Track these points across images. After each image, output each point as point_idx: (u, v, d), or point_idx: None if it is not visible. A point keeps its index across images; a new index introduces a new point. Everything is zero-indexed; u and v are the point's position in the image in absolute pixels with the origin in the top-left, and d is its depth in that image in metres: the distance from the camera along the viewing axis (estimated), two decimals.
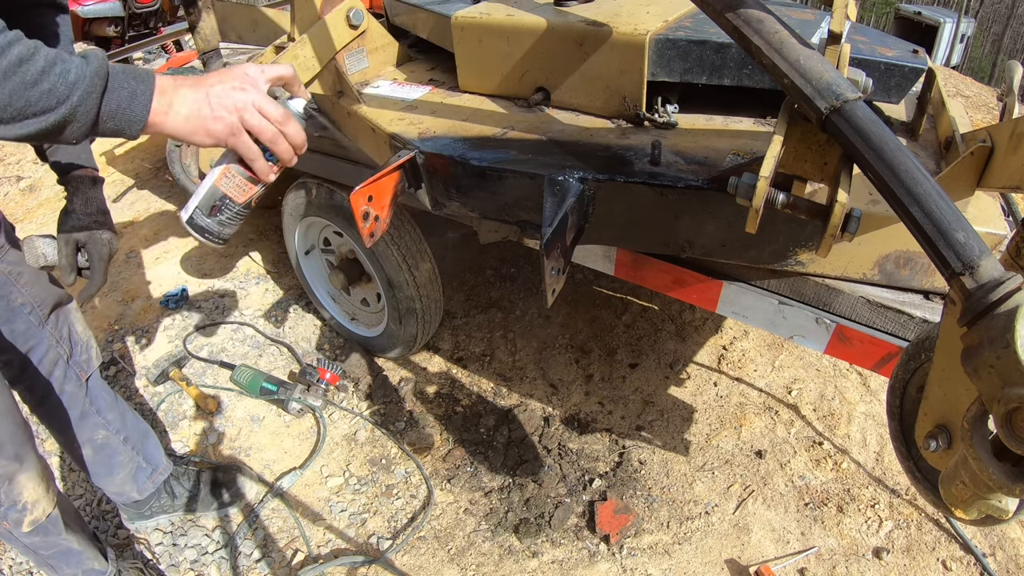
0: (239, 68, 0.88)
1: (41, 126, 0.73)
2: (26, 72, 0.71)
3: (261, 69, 0.89)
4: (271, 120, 0.87)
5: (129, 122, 0.79)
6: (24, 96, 0.71)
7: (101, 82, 0.76)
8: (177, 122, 0.82)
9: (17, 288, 1.34)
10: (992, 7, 28.68)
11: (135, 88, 0.79)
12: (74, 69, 0.74)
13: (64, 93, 0.73)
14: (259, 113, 0.86)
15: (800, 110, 0.92)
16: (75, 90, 0.74)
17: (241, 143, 0.87)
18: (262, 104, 0.86)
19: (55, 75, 0.73)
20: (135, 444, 1.67)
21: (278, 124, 0.88)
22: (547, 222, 1.13)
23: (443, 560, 1.81)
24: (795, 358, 2.41)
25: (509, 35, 1.53)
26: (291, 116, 0.91)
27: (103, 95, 0.77)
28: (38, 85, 0.72)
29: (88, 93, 0.75)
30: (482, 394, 2.33)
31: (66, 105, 0.74)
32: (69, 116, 0.74)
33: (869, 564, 1.76)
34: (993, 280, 0.61)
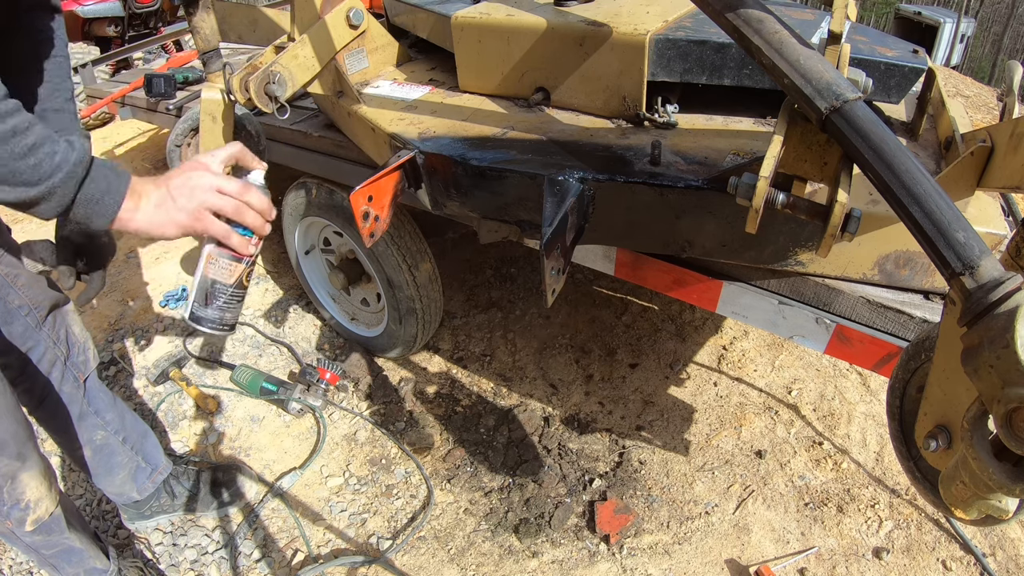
0: (192, 160, 0.94)
1: (20, 196, 0.79)
2: (17, 144, 0.77)
3: (211, 155, 0.94)
4: (231, 195, 0.92)
5: (100, 215, 0.84)
6: (11, 165, 0.77)
7: (82, 171, 0.82)
8: (144, 220, 0.87)
9: (14, 290, 1.34)
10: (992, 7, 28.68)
11: (110, 184, 0.85)
12: (60, 152, 0.80)
13: (47, 172, 0.79)
14: (218, 192, 0.91)
15: (800, 110, 0.92)
16: (57, 171, 0.80)
17: (208, 224, 0.91)
18: (218, 183, 0.91)
19: (43, 153, 0.79)
20: (134, 444, 1.67)
21: (238, 196, 0.92)
22: (547, 222, 1.13)
23: (443, 560, 1.81)
24: (795, 358, 2.41)
25: (509, 35, 1.53)
26: (251, 186, 0.94)
27: (81, 183, 0.82)
28: (26, 159, 0.77)
29: (69, 177, 0.81)
30: (482, 394, 2.33)
31: (47, 184, 0.79)
32: (47, 194, 0.80)
33: (869, 564, 1.76)
34: (993, 280, 0.61)
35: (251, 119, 1.77)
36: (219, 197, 0.91)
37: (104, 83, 3.49)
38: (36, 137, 0.79)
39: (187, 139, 1.74)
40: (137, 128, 4.44)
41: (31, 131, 0.79)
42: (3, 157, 0.76)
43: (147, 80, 2.56)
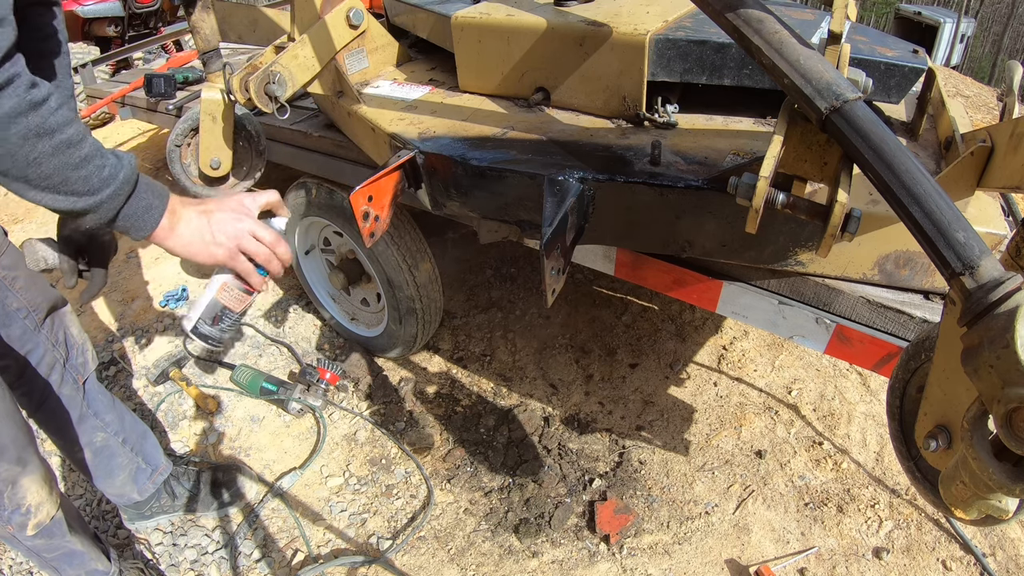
0: (235, 198, 1.01)
1: (69, 205, 0.82)
2: (72, 155, 0.80)
3: (253, 198, 1.02)
4: (266, 244, 1.00)
5: (138, 229, 0.90)
6: (64, 174, 0.80)
7: (129, 188, 0.87)
8: (179, 243, 0.94)
9: (12, 292, 1.34)
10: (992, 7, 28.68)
11: (151, 202, 0.90)
12: (109, 166, 0.84)
13: (96, 185, 0.83)
14: (254, 239, 0.99)
15: (800, 110, 0.92)
16: (106, 186, 0.84)
17: (239, 264, 0.99)
18: (256, 230, 0.99)
19: (94, 166, 0.82)
20: (134, 445, 1.67)
21: (272, 246, 1.01)
22: (547, 222, 1.13)
23: (443, 560, 1.81)
24: (795, 358, 2.41)
25: (509, 35, 1.53)
26: (281, 238, 1.03)
27: (127, 200, 0.87)
28: (79, 169, 0.81)
29: (116, 194, 0.85)
30: (482, 394, 2.33)
31: (96, 196, 0.83)
32: (95, 206, 0.84)
33: (869, 564, 1.76)
34: (993, 280, 0.61)
35: (251, 119, 1.77)
36: (255, 243, 0.99)
37: (104, 83, 3.49)
38: (89, 149, 0.82)
39: (187, 139, 1.74)
40: (137, 128, 4.44)
41: (84, 142, 0.81)
42: (58, 166, 0.79)
43: (147, 80, 2.56)
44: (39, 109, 0.78)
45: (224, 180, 1.81)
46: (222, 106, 1.64)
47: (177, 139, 1.72)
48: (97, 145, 0.84)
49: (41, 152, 0.78)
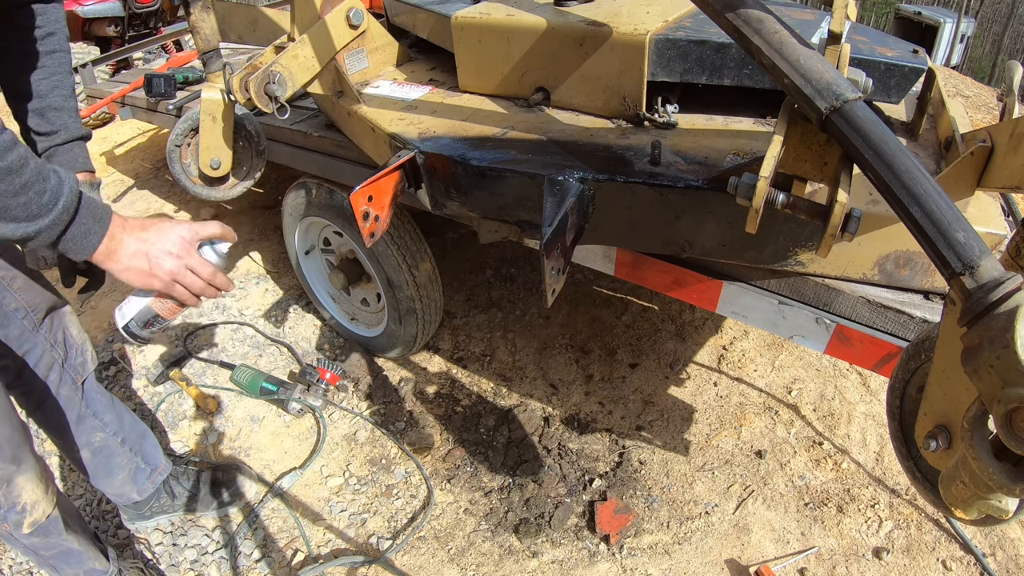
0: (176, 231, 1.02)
1: (8, 232, 0.83)
2: (12, 182, 0.80)
3: (194, 232, 1.04)
4: (202, 278, 1.04)
5: (76, 252, 0.92)
6: (5, 202, 0.80)
7: (69, 215, 0.88)
8: (117, 267, 0.97)
9: (10, 293, 1.34)
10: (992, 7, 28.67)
11: (91, 227, 0.92)
12: (49, 191, 0.85)
13: (36, 212, 0.84)
14: (192, 273, 1.02)
15: (800, 110, 0.92)
16: (47, 213, 0.85)
17: (176, 292, 1.04)
18: (194, 266, 1.03)
19: (34, 192, 0.83)
20: (133, 445, 1.67)
21: (208, 279, 1.05)
22: (547, 222, 1.13)
23: (443, 560, 1.81)
24: (795, 358, 2.41)
25: (509, 35, 1.53)
26: (217, 270, 1.07)
27: (66, 227, 0.89)
28: (17, 197, 0.81)
29: (56, 222, 0.87)
30: (482, 394, 2.33)
31: (35, 223, 0.84)
32: (34, 233, 0.85)
33: (869, 564, 1.76)
34: (993, 280, 0.61)
35: (251, 119, 1.77)
36: (192, 279, 1.03)
37: (104, 83, 3.49)
38: (30, 175, 0.82)
39: (187, 139, 1.74)
40: (137, 128, 4.45)
41: (25, 168, 0.82)
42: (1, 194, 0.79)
43: (147, 80, 2.56)
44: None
45: (224, 180, 1.81)
46: (222, 106, 1.64)
47: (177, 139, 1.72)
48: (38, 169, 0.84)
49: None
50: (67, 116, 1.34)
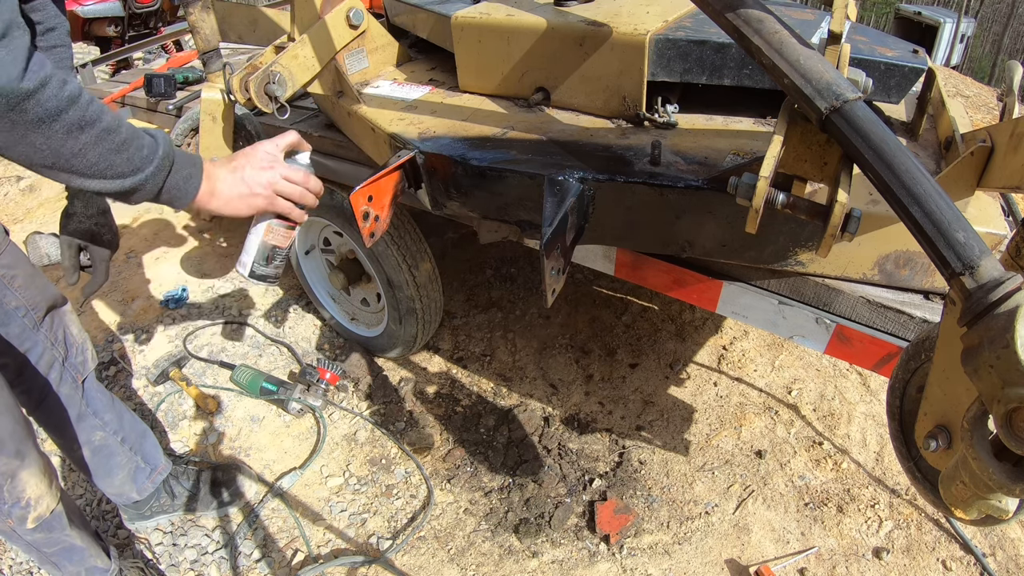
0: (260, 148, 1.08)
1: (116, 187, 0.89)
2: (112, 140, 0.86)
3: (275, 144, 1.10)
4: (297, 183, 1.10)
5: (181, 198, 0.97)
6: (109, 159, 0.86)
7: (169, 162, 0.93)
8: (220, 202, 1.02)
9: (11, 291, 1.34)
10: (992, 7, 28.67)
11: (190, 171, 0.97)
12: (147, 146, 0.90)
13: (139, 164, 0.89)
14: (287, 181, 1.09)
15: (800, 110, 0.92)
16: (148, 164, 0.90)
17: (279, 206, 1.10)
18: (287, 173, 1.09)
19: (134, 148, 0.88)
20: (133, 444, 1.67)
21: (303, 184, 1.11)
22: (547, 222, 1.13)
23: (443, 560, 1.81)
24: (795, 358, 2.41)
25: (509, 35, 1.53)
26: (309, 173, 1.13)
27: (168, 174, 0.93)
28: (120, 152, 0.87)
29: (159, 170, 0.92)
30: (482, 394, 2.33)
31: (140, 175, 0.89)
32: (140, 184, 0.90)
33: (869, 564, 1.76)
34: (993, 280, 0.61)
35: (251, 119, 1.77)
36: (289, 186, 1.08)
37: (104, 83, 3.49)
38: (127, 133, 0.87)
39: (187, 139, 1.74)
40: None
41: (121, 127, 0.87)
42: (102, 153, 0.85)
43: (147, 80, 2.56)
44: (77, 103, 0.81)
45: None
46: (222, 106, 1.64)
47: (177, 139, 1.72)
48: (132, 128, 0.89)
49: (84, 143, 0.83)
50: None
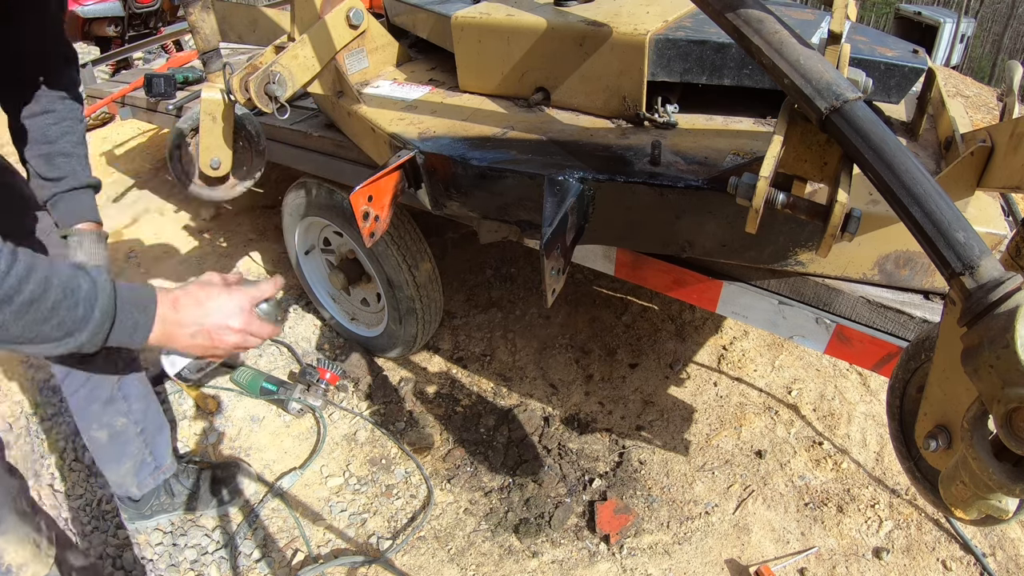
0: (233, 301, 1.00)
1: (51, 350, 0.83)
2: (38, 309, 0.78)
3: (252, 298, 1.03)
4: (261, 338, 1.06)
5: (129, 345, 0.90)
6: (37, 329, 0.79)
7: (109, 318, 0.85)
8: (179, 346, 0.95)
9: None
10: (992, 7, 28.66)
11: (137, 320, 0.89)
12: (82, 303, 0.82)
13: (71, 328, 0.81)
14: (252, 337, 1.03)
15: (800, 110, 0.92)
16: (83, 325, 0.82)
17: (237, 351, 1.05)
18: (255, 331, 1.03)
19: (64, 310, 0.80)
20: (148, 438, 1.70)
21: (266, 337, 1.07)
22: (547, 222, 1.13)
23: (443, 560, 1.81)
24: (795, 358, 2.41)
25: (509, 35, 1.53)
26: (274, 329, 1.09)
27: (110, 329, 0.86)
28: (49, 321, 0.79)
29: (97, 329, 0.84)
30: (482, 394, 2.33)
31: (74, 338, 0.83)
32: (79, 346, 0.84)
33: (869, 564, 1.76)
34: (993, 280, 0.61)
35: (251, 119, 1.77)
36: (253, 341, 1.04)
37: (104, 83, 3.48)
38: (56, 294, 0.79)
39: (187, 139, 1.74)
40: (137, 128, 4.44)
41: (49, 291, 0.79)
42: (27, 324, 0.77)
43: (147, 80, 2.56)
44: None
45: (224, 180, 1.81)
46: (222, 106, 1.64)
47: (177, 139, 1.72)
48: (63, 283, 0.80)
49: (4, 320, 0.76)
50: (76, 163, 1.32)
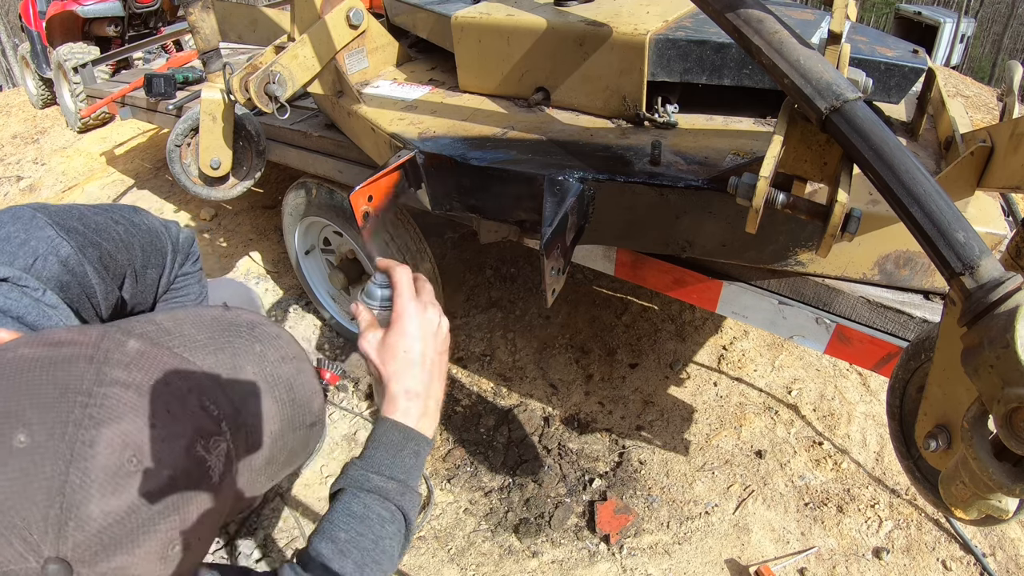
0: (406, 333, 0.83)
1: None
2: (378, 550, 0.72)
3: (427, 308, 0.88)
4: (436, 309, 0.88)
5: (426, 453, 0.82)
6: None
7: (413, 498, 0.78)
8: (433, 404, 0.82)
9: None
10: (992, 7, 28.66)
11: (416, 449, 0.79)
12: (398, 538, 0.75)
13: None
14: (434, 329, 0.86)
15: (800, 110, 0.92)
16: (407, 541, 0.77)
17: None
18: (442, 325, 0.87)
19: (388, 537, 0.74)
20: None
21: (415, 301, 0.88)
22: (547, 222, 1.13)
23: (443, 560, 1.81)
24: (795, 358, 2.40)
25: (509, 35, 1.53)
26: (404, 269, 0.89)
27: (412, 499, 0.78)
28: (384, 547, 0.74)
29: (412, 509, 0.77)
30: (482, 394, 2.33)
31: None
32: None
33: (869, 564, 1.76)
34: (993, 280, 0.61)
35: (251, 119, 1.77)
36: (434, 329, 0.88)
37: (104, 83, 3.49)
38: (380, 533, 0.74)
39: (187, 139, 1.74)
40: (137, 128, 4.45)
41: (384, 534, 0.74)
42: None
43: (147, 80, 2.56)
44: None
45: (224, 180, 1.81)
46: (222, 106, 1.65)
47: (177, 139, 1.72)
48: (381, 523, 0.74)
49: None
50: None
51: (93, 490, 0.42)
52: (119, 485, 0.43)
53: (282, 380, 0.57)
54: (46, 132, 5.10)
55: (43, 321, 0.74)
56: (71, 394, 0.44)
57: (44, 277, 0.81)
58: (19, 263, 0.80)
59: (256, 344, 0.56)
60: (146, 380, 0.48)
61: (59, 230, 0.87)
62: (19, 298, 0.74)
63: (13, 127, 5.41)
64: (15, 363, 0.46)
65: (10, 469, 0.41)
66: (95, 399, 0.45)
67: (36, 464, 0.42)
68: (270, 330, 0.58)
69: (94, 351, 0.48)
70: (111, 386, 0.46)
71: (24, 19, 5.36)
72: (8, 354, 0.47)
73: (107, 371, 0.46)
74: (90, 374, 0.46)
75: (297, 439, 0.60)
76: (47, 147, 4.81)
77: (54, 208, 0.92)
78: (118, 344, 0.49)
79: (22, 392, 0.44)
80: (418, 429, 0.79)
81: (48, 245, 0.85)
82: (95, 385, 0.45)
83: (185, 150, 1.74)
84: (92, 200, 3.84)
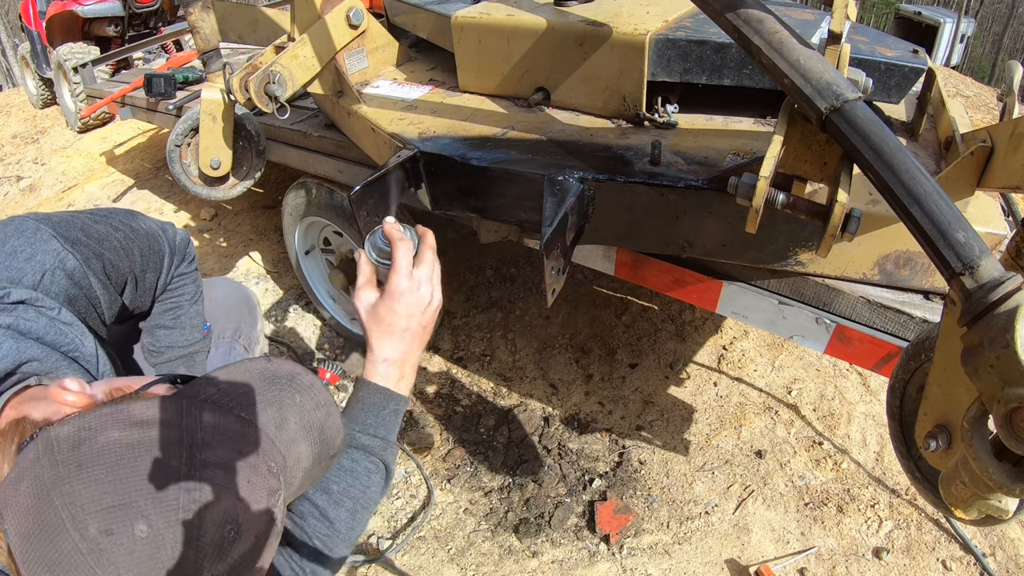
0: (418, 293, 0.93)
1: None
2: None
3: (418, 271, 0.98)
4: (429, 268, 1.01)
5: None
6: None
7: (389, 451, 0.93)
8: (411, 364, 0.96)
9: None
10: (992, 7, 28.65)
11: (395, 408, 0.93)
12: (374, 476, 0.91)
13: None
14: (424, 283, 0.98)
15: (800, 110, 0.92)
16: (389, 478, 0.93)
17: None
18: (433, 286, 0.99)
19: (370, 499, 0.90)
20: None
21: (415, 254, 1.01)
22: (547, 222, 1.13)
23: (443, 560, 1.81)
24: (795, 358, 2.40)
25: (509, 35, 1.53)
26: (408, 243, 0.97)
27: (389, 452, 0.93)
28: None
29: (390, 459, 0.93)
30: (482, 394, 2.33)
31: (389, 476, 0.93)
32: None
33: (869, 564, 1.76)
34: (993, 280, 0.61)
35: (251, 119, 1.77)
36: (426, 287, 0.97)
37: (104, 83, 3.49)
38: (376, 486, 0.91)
39: (187, 139, 1.74)
40: (137, 128, 4.45)
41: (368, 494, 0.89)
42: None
43: (147, 80, 2.56)
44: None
45: (224, 180, 1.81)
46: (222, 106, 1.65)
47: (177, 139, 1.72)
48: (360, 488, 0.89)
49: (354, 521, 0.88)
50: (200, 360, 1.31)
51: (205, 562, 0.53)
52: (223, 552, 0.54)
53: (316, 425, 0.66)
54: (46, 132, 5.10)
55: (60, 339, 0.83)
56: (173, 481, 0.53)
57: (53, 292, 0.86)
58: (28, 279, 0.84)
59: (296, 395, 0.65)
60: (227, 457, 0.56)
61: (64, 242, 0.90)
62: (36, 318, 0.82)
63: (13, 127, 5.41)
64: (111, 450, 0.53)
65: (138, 556, 0.50)
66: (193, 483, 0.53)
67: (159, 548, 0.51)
68: (306, 380, 0.67)
69: (180, 432, 0.55)
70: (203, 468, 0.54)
71: (24, 19, 5.36)
72: (100, 438, 0.54)
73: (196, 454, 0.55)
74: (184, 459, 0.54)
75: (321, 469, 0.70)
76: (47, 147, 4.81)
77: (56, 219, 0.94)
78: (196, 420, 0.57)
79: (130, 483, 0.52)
80: (396, 391, 0.92)
81: (55, 259, 0.88)
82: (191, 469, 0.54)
83: (185, 150, 1.74)
84: (92, 200, 3.83)
